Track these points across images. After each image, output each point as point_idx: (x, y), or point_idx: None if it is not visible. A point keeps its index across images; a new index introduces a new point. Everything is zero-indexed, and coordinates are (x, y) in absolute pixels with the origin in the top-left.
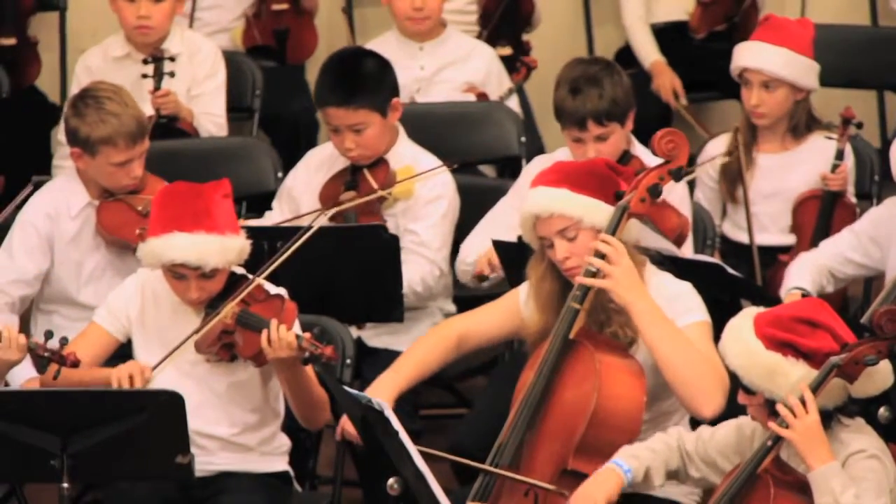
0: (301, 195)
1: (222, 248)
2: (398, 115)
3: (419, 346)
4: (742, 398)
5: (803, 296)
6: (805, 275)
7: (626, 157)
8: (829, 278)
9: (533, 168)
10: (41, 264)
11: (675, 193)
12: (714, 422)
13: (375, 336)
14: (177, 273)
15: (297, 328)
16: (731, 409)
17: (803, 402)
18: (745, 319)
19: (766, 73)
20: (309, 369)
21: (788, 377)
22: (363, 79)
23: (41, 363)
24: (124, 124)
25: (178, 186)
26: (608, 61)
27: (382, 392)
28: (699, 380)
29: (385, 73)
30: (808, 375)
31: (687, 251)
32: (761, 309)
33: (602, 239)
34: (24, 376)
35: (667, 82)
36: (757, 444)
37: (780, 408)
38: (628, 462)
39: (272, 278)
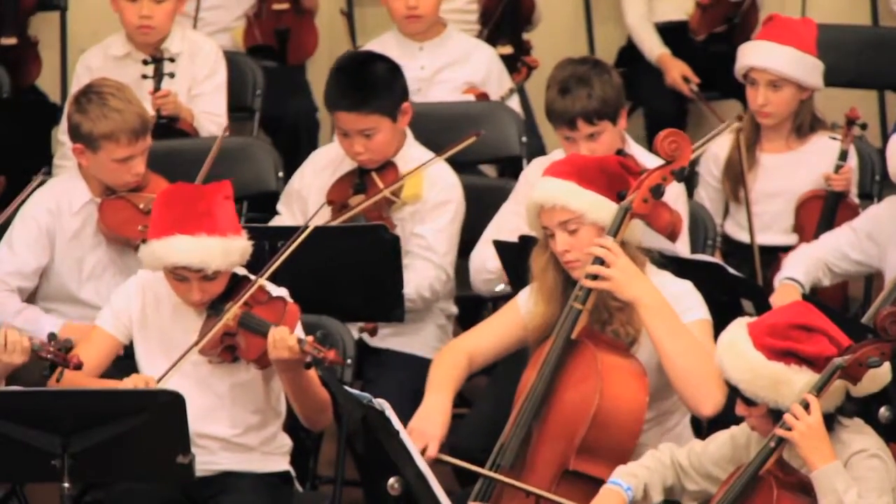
0: (309, 195)
1: (224, 250)
2: (408, 120)
3: (443, 369)
4: (741, 410)
5: (803, 297)
6: (800, 266)
7: (619, 155)
8: (825, 272)
9: (531, 171)
10: (41, 258)
11: (669, 190)
12: (710, 429)
13: (378, 336)
14: (178, 275)
15: (299, 330)
16: (729, 412)
17: (805, 405)
18: (738, 331)
19: (773, 73)
20: (311, 371)
21: (793, 385)
22: (374, 84)
23: (44, 365)
24: (127, 121)
25: (179, 188)
26: (597, 60)
27: (436, 414)
28: (701, 377)
29: (396, 78)
30: (811, 381)
31: (682, 249)
32: (750, 319)
33: (596, 243)
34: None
35: (676, 72)
36: (753, 452)
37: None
38: (627, 480)
39: (273, 278)
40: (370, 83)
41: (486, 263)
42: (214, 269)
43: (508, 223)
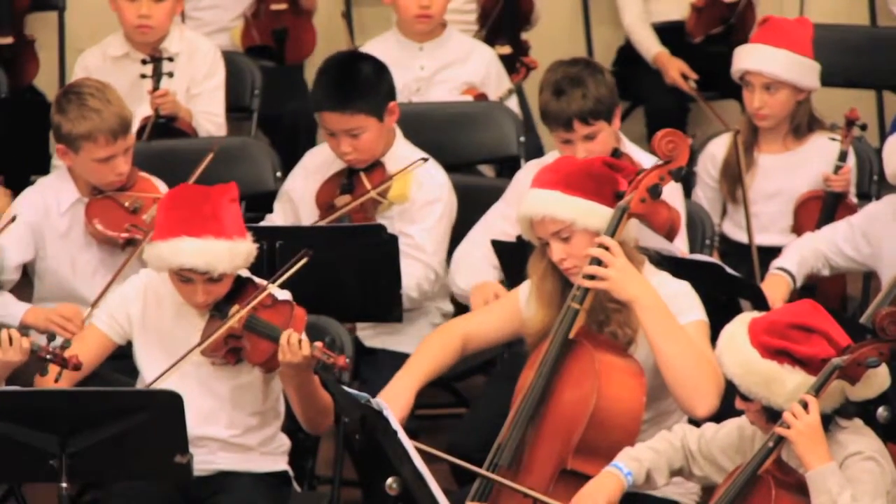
0: (300, 198)
1: (230, 253)
2: (395, 119)
3: (428, 347)
4: (739, 404)
5: (799, 293)
6: (796, 256)
7: (615, 154)
8: (824, 263)
9: (523, 175)
10: (24, 254)
11: (665, 190)
12: (718, 419)
13: (373, 336)
14: (184, 277)
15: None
16: (727, 411)
17: (804, 405)
18: (739, 326)
19: (767, 76)
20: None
21: (785, 385)
22: (359, 83)
23: (42, 365)
24: (105, 120)
25: (185, 190)
26: (589, 60)
27: (401, 393)
28: (697, 379)
29: (381, 77)
30: (804, 382)
31: (681, 245)
32: (755, 314)
33: (595, 243)
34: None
35: (674, 71)
36: (757, 445)
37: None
38: (628, 465)
39: (269, 276)
40: (355, 83)
41: (457, 274)
42: (220, 272)
43: (497, 225)
